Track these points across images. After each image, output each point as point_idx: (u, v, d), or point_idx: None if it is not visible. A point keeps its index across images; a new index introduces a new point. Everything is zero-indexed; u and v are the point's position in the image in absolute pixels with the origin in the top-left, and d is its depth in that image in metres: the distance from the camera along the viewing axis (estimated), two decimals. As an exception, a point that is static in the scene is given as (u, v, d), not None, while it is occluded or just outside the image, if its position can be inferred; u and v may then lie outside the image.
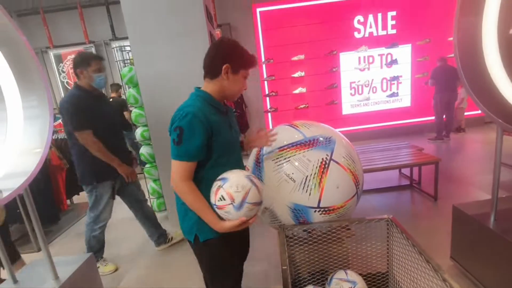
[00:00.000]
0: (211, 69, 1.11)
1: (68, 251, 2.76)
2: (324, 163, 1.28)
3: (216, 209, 1.02)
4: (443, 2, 5.02)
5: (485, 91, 1.51)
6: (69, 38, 5.34)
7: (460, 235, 1.76)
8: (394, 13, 5.08)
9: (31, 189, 2.85)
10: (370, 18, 5.09)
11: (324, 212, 1.30)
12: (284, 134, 1.42)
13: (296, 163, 1.29)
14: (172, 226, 2.92)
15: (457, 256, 1.80)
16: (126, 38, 2.67)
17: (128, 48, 3.00)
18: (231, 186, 0.99)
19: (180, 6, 2.47)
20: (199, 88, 1.16)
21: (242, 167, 1.26)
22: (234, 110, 5.09)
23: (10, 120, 1.50)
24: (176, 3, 2.47)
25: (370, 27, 5.12)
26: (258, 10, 5.04)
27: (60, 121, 5.11)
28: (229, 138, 1.14)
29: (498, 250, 1.49)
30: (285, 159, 1.32)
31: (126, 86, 2.94)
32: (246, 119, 5.33)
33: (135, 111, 2.83)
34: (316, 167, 1.27)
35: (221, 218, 1.05)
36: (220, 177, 1.03)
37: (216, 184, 1.02)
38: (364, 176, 1.47)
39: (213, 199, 1.02)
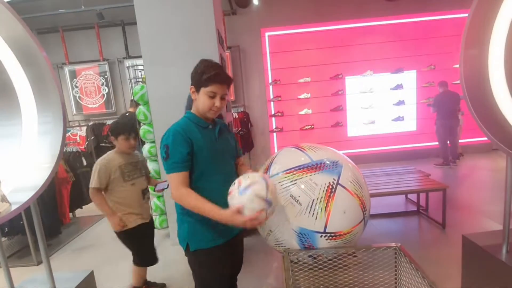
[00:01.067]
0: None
1: (67, 266, 2.72)
2: (331, 187, 1.27)
3: (227, 197, 1.09)
4: (448, 30, 5.16)
5: (493, 121, 1.52)
6: (84, 55, 5.56)
7: (471, 266, 1.70)
8: (399, 39, 5.22)
9: (35, 201, 2.87)
10: (376, 44, 5.23)
11: (330, 237, 1.28)
12: (291, 156, 1.43)
13: (303, 186, 1.29)
14: (172, 245, 2.87)
15: (468, 289, 1.73)
16: (139, 56, 2.78)
17: (140, 67, 3.11)
18: (243, 176, 1.10)
19: (194, 30, 2.59)
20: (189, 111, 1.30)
21: (232, 176, 1.28)
22: (239, 129, 5.16)
23: (25, 135, 1.55)
24: (190, 26, 2.59)
25: (376, 52, 5.25)
26: (266, 34, 5.24)
27: (69, 134, 5.22)
28: (211, 151, 1.22)
29: (511, 284, 1.43)
30: (291, 181, 1.31)
31: (137, 103, 3.02)
32: (251, 139, 5.36)
33: (144, 128, 2.89)
34: (323, 191, 1.26)
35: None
36: None
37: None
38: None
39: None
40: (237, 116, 5.19)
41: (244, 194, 1.04)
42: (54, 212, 3.11)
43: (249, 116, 5.39)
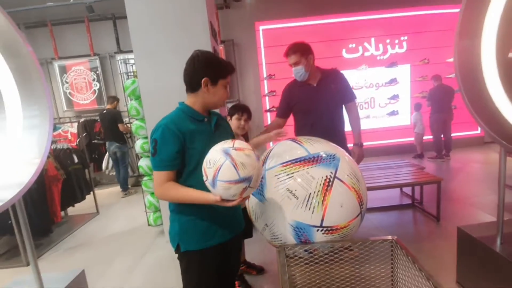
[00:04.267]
0: (191, 84, 1.15)
1: (58, 266, 2.66)
2: (328, 180, 1.25)
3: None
4: (442, 24, 5.17)
5: (488, 113, 1.51)
6: (74, 50, 5.42)
7: (466, 258, 1.71)
8: (393, 34, 5.22)
9: (24, 198, 2.80)
10: (370, 38, 5.21)
11: (327, 231, 1.26)
12: (287, 149, 1.40)
13: (299, 180, 1.26)
14: (166, 242, 2.84)
15: (463, 280, 1.73)
16: (131, 51, 2.70)
17: (132, 61, 3.03)
18: (205, 161, 0.97)
19: (186, 22, 2.52)
20: (183, 102, 1.21)
21: None
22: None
23: (9, 130, 1.49)
24: (182, 18, 2.52)
25: (370, 46, 5.23)
26: (260, 27, 5.17)
27: (60, 131, 5.11)
28: (206, 144, 1.09)
29: (506, 274, 1.44)
30: (287, 175, 1.29)
31: (129, 98, 2.95)
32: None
33: (136, 123, 2.82)
34: (320, 185, 1.24)
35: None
36: None
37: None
38: (367, 195, 1.44)
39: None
40: (231, 112, 5.14)
41: (216, 186, 0.95)
42: (44, 211, 3.04)
43: (243, 111, 5.34)
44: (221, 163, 0.92)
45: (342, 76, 2.02)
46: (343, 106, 2.05)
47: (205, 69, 1.12)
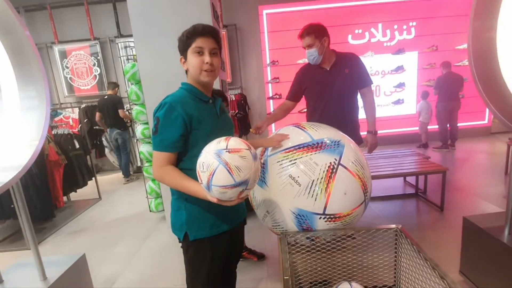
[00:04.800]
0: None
1: (61, 250, 2.69)
2: (332, 167, 1.21)
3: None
4: (451, 10, 4.98)
5: (501, 99, 1.44)
6: (74, 34, 5.31)
7: (471, 248, 1.68)
8: (401, 20, 5.04)
9: (26, 183, 2.81)
10: (377, 24, 5.04)
11: (329, 219, 1.23)
12: (290, 135, 1.35)
13: (302, 166, 1.22)
14: (168, 227, 2.85)
15: (467, 271, 1.71)
16: (131, 35, 2.62)
17: (132, 45, 2.95)
18: (198, 164, 0.90)
19: (187, 4, 2.43)
20: (185, 82, 1.15)
21: None
22: (236, 112, 5.04)
23: (5, 111, 1.45)
24: (183, 1, 2.42)
25: (377, 32, 5.07)
26: (264, 12, 5.01)
27: (61, 116, 5.08)
28: (213, 127, 1.08)
29: (512, 266, 1.41)
30: (290, 161, 1.25)
31: (129, 82, 2.89)
32: (248, 121, 5.27)
33: (136, 108, 2.78)
34: (324, 172, 1.20)
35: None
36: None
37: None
38: (371, 183, 1.40)
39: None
40: (234, 98, 5.06)
41: (211, 191, 0.89)
42: (46, 196, 3.05)
43: (246, 98, 5.26)
44: (215, 167, 0.85)
45: (358, 60, 1.92)
46: (358, 92, 1.97)
47: (179, 48, 1.10)
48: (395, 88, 5.25)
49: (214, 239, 1.11)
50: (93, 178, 3.88)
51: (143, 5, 2.46)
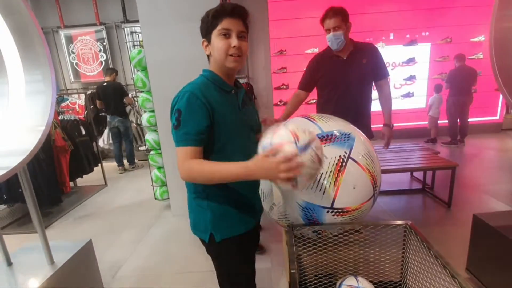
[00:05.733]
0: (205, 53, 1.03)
1: (68, 234, 2.73)
2: (341, 160, 1.18)
3: (265, 151, 0.82)
4: (467, 0, 4.78)
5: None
6: (80, 19, 5.25)
7: (479, 246, 1.65)
8: (415, 9, 4.87)
9: (33, 169, 2.83)
10: (390, 13, 4.88)
11: (337, 213, 1.21)
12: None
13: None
14: (173, 216, 2.87)
15: (474, 268, 1.69)
16: (138, 21, 2.57)
17: (138, 29, 2.90)
18: (297, 128, 0.85)
19: (194, -12, 2.36)
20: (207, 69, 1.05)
21: (252, 155, 1.12)
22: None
23: (12, 95, 1.44)
24: (190, -16, 2.36)
25: (389, 22, 4.92)
26: (273, -1, 4.88)
27: (68, 102, 5.08)
28: (235, 120, 0.99)
29: (522, 266, 1.38)
30: None
31: (135, 69, 2.86)
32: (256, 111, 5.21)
33: (142, 96, 2.75)
34: (333, 165, 1.17)
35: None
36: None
37: (274, 126, 0.89)
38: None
39: (267, 140, 0.85)
40: (240, 88, 5.00)
41: (307, 152, 0.81)
42: (53, 181, 3.08)
43: (252, 88, 5.19)
44: (315, 136, 0.87)
45: (377, 51, 1.85)
46: (374, 85, 1.91)
47: (201, 30, 0.98)
48: (405, 80, 5.13)
49: (242, 238, 1.06)
50: (99, 165, 3.90)
51: (150, -10, 2.40)
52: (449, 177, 2.56)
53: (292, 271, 1.03)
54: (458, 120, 4.61)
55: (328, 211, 1.20)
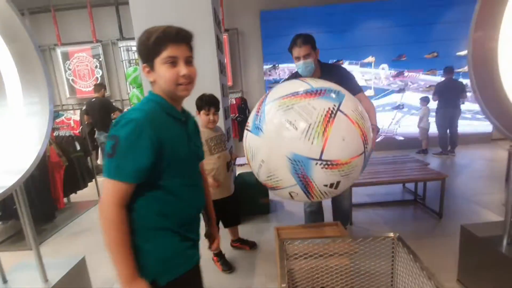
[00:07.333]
0: None
1: (61, 251, 2.70)
2: (330, 112, 1.13)
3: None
4: (453, 16, 5.01)
5: (501, 108, 1.45)
6: (77, 36, 5.36)
7: (469, 257, 1.69)
8: (402, 24, 5.07)
9: (27, 184, 2.82)
10: (378, 29, 5.08)
11: (326, 165, 1.12)
12: (290, 85, 1.30)
13: (300, 110, 1.14)
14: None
15: (464, 279, 1.72)
16: (134, 38, 2.65)
17: (135, 49, 2.99)
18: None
19: (188, 8, 2.47)
20: (153, 92, 0.91)
21: (198, 187, 1.02)
22: (236, 115, 5.06)
23: (10, 116, 1.47)
24: (184, 5, 2.46)
25: (378, 38, 5.11)
26: (265, 16, 5.05)
27: (63, 118, 5.11)
28: (186, 153, 0.91)
29: (511, 276, 1.42)
30: (287, 106, 1.17)
31: (130, 86, 2.92)
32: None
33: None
34: (321, 116, 1.12)
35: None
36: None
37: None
38: (367, 189, 1.39)
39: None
40: (234, 102, 5.09)
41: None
42: (47, 197, 3.07)
43: (246, 102, 5.29)
44: None
45: (343, 70, 1.88)
46: None
47: (139, 53, 0.88)
48: (396, 93, 5.28)
49: (188, 275, 0.96)
50: (94, 180, 3.89)
51: (145, 9, 2.49)
52: (440, 188, 2.61)
53: (283, 285, 1.06)
54: (448, 131, 4.72)
55: (316, 163, 1.12)
